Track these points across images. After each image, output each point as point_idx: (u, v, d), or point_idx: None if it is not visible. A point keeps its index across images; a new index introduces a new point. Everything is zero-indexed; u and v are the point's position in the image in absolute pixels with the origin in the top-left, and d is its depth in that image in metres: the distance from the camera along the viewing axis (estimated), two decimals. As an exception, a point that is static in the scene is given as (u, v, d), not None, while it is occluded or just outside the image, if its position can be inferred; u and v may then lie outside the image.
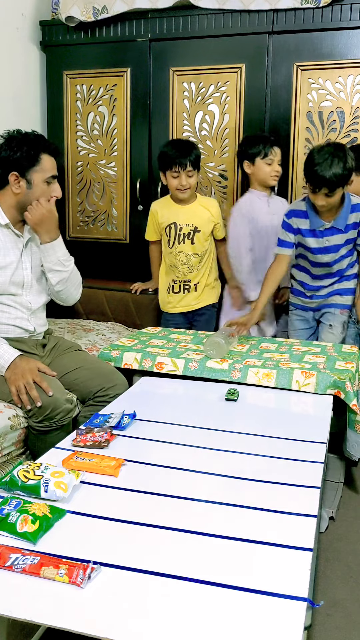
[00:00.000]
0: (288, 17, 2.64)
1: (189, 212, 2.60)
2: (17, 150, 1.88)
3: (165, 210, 2.63)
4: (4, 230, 1.93)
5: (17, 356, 1.84)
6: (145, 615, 0.88)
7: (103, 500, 1.21)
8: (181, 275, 2.64)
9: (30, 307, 2.02)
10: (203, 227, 2.59)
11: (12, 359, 1.83)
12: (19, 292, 1.99)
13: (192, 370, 2.01)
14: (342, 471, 2.26)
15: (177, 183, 2.51)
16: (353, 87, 2.63)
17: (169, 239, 2.62)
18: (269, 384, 1.92)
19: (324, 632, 1.53)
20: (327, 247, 2.33)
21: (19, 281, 1.97)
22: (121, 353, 2.12)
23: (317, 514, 1.16)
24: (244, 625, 0.86)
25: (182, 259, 2.60)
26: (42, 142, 1.94)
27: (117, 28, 2.91)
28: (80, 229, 3.20)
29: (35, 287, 2.04)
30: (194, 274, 2.63)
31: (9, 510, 1.11)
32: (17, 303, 1.98)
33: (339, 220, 2.27)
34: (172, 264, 2.65)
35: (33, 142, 1.91)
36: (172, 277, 2.67)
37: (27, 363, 1.83)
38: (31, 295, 2.02)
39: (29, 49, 3.03)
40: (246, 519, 1.14)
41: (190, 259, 2.61)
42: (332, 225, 2.28)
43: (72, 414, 1.86)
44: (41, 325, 2.09)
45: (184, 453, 1.44)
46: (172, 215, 2.61)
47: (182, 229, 2.58)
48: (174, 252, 2.62)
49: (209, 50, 2.80)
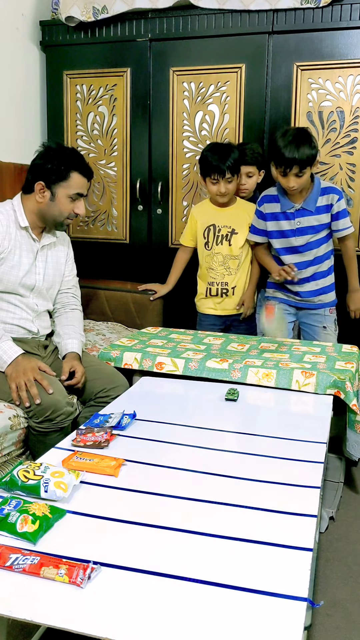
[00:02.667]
0: (288, 17, 2.64)
1: (227, 215, 2.58)
2: (49, 162, 1.92)
3: (204, 214, 2.62)
4: (22, 232, 1.97)
5: (20, 354, 1.85)
6: (145, 615, 0.88)
7: (103, 500, 1.21)
8: (218, 277, 2.60)
9: (36, 310, 2.04)
10: (241, 229, 2.57)
11: (15, 356, 1.84)
12: (27, 294, 2.01)
13: (192, 370, 2.01)
14: (342, 471, 2.26)
15: (216, 189, 2.48)
16: (353, 87, 2.63)
17: (206, 241, 2.60)
18: (269, 384, 1.92)
19: (324, 632, 1.53)
20: (300, 229, 2.42)
21: (30, 284, 2.00)
22: (121, 353, 2.12)
23: (317, 514, 1.16)
24: (244, 625, 0.86)
25: (219, 260, 2.58)
26: (76, 160, 1.96)
27: (117, 28, 2.92)
28: (80, 229, 3.20)
29: (44, 294, 2.07)
30: (231, 277, 2.59)
31: (9, 510, 1.11)
32: (24, 304, 2.00)
33: (308, 202, 2.37)
34: (209, 267, 2.61)
35: (66, 158, 1.94)
36: (209, 280, 2.63)
37: (29, 361, 1.84)
38: (39, 299, 2.05)
39: (29, 49, 3.03)
40: (246, 519, 1.15)
41: (228, 260, 2.58)
42: (302, 206, 2.39)
43: (73, 416, 1.86)
44: (45, 328, 2.11)
45: (184, 453, 1.44)
46: (211, 217, 2.59)
47: (220, 230, 2.57)
48: (212, 254, 2.59)
49: (209, 50, 2.80)
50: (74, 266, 2.26)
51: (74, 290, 2.25)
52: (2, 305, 1.98)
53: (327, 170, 2.73)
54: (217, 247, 2.58)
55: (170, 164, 2.96)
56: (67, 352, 2.02)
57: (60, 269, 2.14)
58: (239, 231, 2.56)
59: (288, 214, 2.41)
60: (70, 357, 2.00)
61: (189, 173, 2.95)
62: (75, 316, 2.17)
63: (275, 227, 2.46)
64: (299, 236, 2.42)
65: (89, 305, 2.97)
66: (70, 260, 2.22)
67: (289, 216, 2.42)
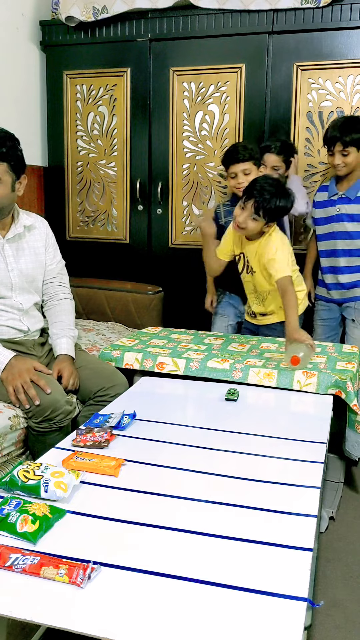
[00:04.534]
0: (288, 17, 2.64)
1: (251, 249, 2.27)
2: None
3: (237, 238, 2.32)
4: None
5: (12, 357, 1.83)
6: (145, 615, 0.88)
7: (103, 500, 1.21)
8: (249, 302, 2.44)
9: (21, 308, 2.00)
10: (258, 270, 2.28)
11: (7, 360, 1.82)
12: (8, 295, 1.96)
13: (193, 370, 2.01)
14: (342, 471, 2.26)
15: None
16: (353, 87, 2.63)
17: (239, 264, 2.37)
18: (270, 384, 1.92)
19: (324, 632, 1.53)
20: (338, 215, 2.48)
21: (6, 283, 1.95)
22: (122, 353, 2.12)
23: (317, 514, 1.16)
24: (244, 625, 0.86)
25: (250, 288, 2.39)
26: None
27: (117, 28, 2.92)
28: (80, 229, 3.21)
29: (26, 289, 2.02)
30: (260, 307, 2.39)
31: (9, 510, 1.11)
32: (7, 306, 1.97)
33: (350, 191, 2.45)
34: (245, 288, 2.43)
35: None
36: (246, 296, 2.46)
37: (24, 363, 1.82)
38: (21, 296, 2.00)
39: (29, 49, 3.03)
40: (246, 519, 1.14)
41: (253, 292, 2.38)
42: (344, 194, 2.46)
43: (72, 415, 1.85)
44: (35, 324, 2.06)
45: (184, 453, 1.44)
46: (240, 245, 2.33)
47: (248, 261, 2.31)
48: (244, 280, 2.39)
49: (209, 50, 2.80)
50: (56, 251, 2.14)
51: (60, 277, 2.15)
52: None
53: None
54: (247, 275, 2.35)
55: (170, 164, 2.96)
56: (57, 355, 2.00)
57: (40, 260, 2.05)
58: (256, 271, 2.29)
59: (332, 200, 2.48)
60: (59, 360, 1.97)
61: (189, 173, 2.95)
62: (64, 308, 2.10)
63: (322, 215, 2.53)
64: (337, 222, 2.48)
65: (89, 305, 2.97)
66: (51, 248, 2.11)
67: (332, 203, 2.48)
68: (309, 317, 2.65)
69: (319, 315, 2.66)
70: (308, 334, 2.07)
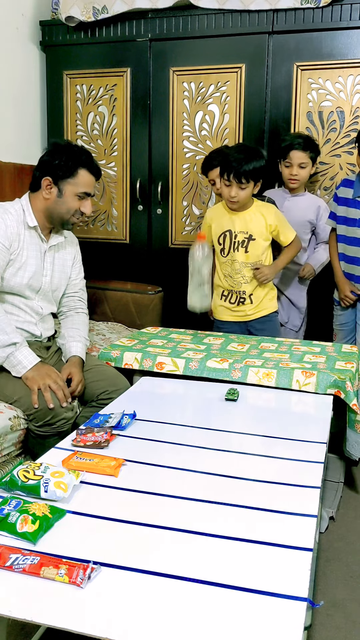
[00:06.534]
0: (288, 17, 2.64)
1: (244, 220, 2.35)
2: (56, 158, 1.90)
3: (219, 218, 2.40)
4: (31, 232, 1.95)
5: (39, 361, 1.86)
6: (145, 615, 0.88)
7: (103, 500, 1.21)
8: (236, 286, 2.42)
9: (40, 313, 2.03)
10: (259, 235, 2.35)
11: (34, 362, 1.84)
12: (32, 297, 2.00)
13: (192, 370, 2.01)
14: (342, 471, 2.26)
15: (227, 193, 2.28)
16: (353, 87, 2.63)
17: (222, 247, 2.40)
18: (269, 384, 1.92)
19: (324, 632, 1.53)
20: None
21: (36, 286, 1.99)
22: (121, 353, 2.12)
23: (317, 514, 1.16)
24: (244, 625, 0.86)
25: (236, 268, 2.39)
26: (84, 158, 1.94)
27: (117, 28, 2.92)
28: (80, 229, 3.20)
29: (49, 297, 2.06)
30: (248, 285, 2.41)
31: (9, 510, 1.11)
32: (28, 307, 1.99)
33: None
34: (228, 274, 2.42)
35: (74, 155, 1.92)
36: (227, 286, 2.44)
37: (49, 369, 1.85)
38: (43, 301, 2.04)
39: (29, 49, 3.03)
40: (246, 519, 1.14)
41: (243, 268, 2.38)
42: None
43: (72, 420, 1.86)
44: (48, 330, 2.10)
45: (184, 453, 1.44)
46: (227, 222, 2.38)
47: (237, 237, 2.36)
48: (230, 261, 2.40)
49: (209, 50, 2.80)
50: (81, 269, 2.22)
51: (81, 294, 2.22)
52: (6, 307, 1.94)
53: (327, 170, 2.73)
54: (235, 253, 2.38)
55: (170, 164, 2.96)
56: (70, 356, 2.01)
57: (66, 272, 2.12)
58: (256, 237, 2.35)
59: (357, 201, 2.39)
60: (71, 363, 1.98)
61: (189, 173, 2.95)
62: (81, 319, 2.16)
63: (344, 214, 2.45)
64: (358, 227, 2.40)
65: (89, 305, 2.96)
66: (77, 263, 2.19)
67: (357, 204, 2.39)
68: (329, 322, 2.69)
69: (338, 320, 2.63)
70: (271, 279, 2.38)
